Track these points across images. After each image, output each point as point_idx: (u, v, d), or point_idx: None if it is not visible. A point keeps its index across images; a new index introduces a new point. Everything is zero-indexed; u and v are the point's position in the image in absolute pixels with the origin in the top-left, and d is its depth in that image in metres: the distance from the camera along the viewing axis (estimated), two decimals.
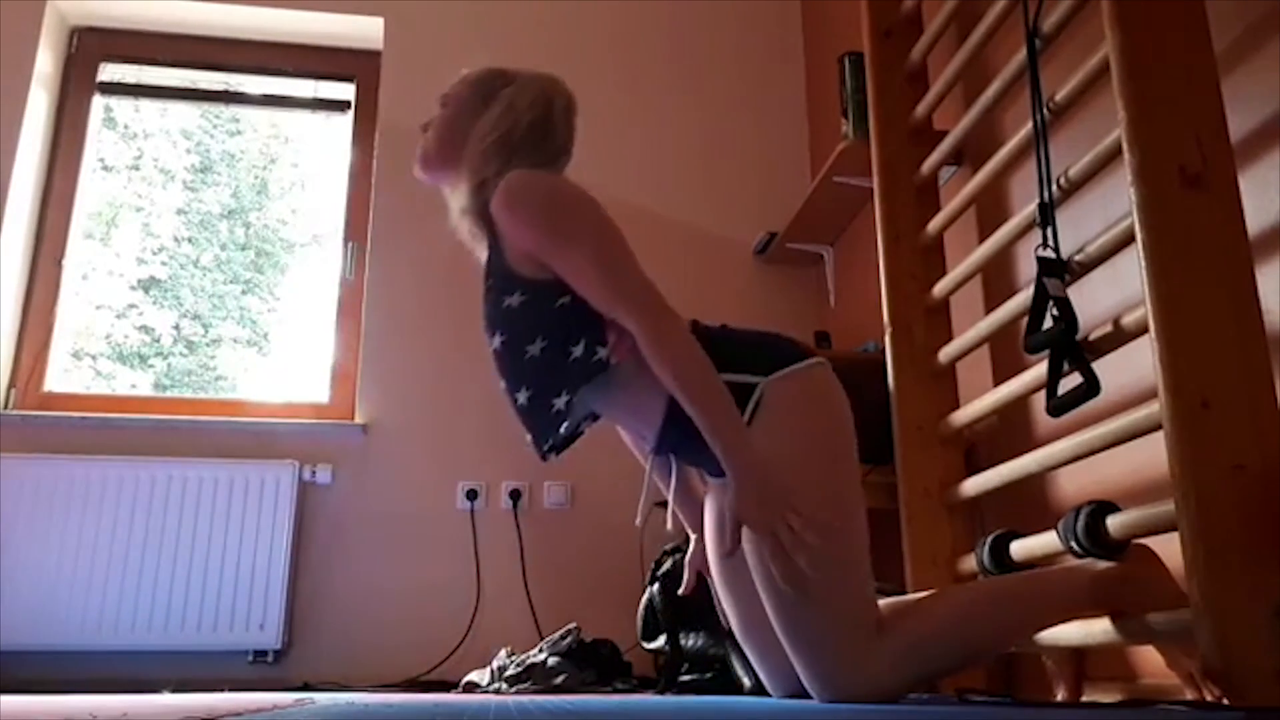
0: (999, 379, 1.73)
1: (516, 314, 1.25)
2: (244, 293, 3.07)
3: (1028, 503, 1.66)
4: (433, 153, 1.38)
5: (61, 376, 2.76)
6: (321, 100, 3.08)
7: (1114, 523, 1.19)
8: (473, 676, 2.15)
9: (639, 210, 2.92)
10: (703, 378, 1.17)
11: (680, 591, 1.44)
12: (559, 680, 2.02)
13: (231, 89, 3.08)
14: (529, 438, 1.30)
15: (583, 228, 1.23)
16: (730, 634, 1.42)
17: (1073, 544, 1.23)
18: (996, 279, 1.84)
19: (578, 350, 1.23)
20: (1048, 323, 1.32)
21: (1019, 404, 1.61)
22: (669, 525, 1.47)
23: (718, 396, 1.16)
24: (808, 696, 1.22)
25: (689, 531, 1.46)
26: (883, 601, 1.23)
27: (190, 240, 3.06)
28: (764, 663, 1.34)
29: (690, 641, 1.86)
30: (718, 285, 2.87)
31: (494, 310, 1.29)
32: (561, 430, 1.29)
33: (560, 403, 1.24)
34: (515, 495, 2.63)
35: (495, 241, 1.30)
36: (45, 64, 2.80)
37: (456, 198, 1.38)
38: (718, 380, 1.17)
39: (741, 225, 2.91)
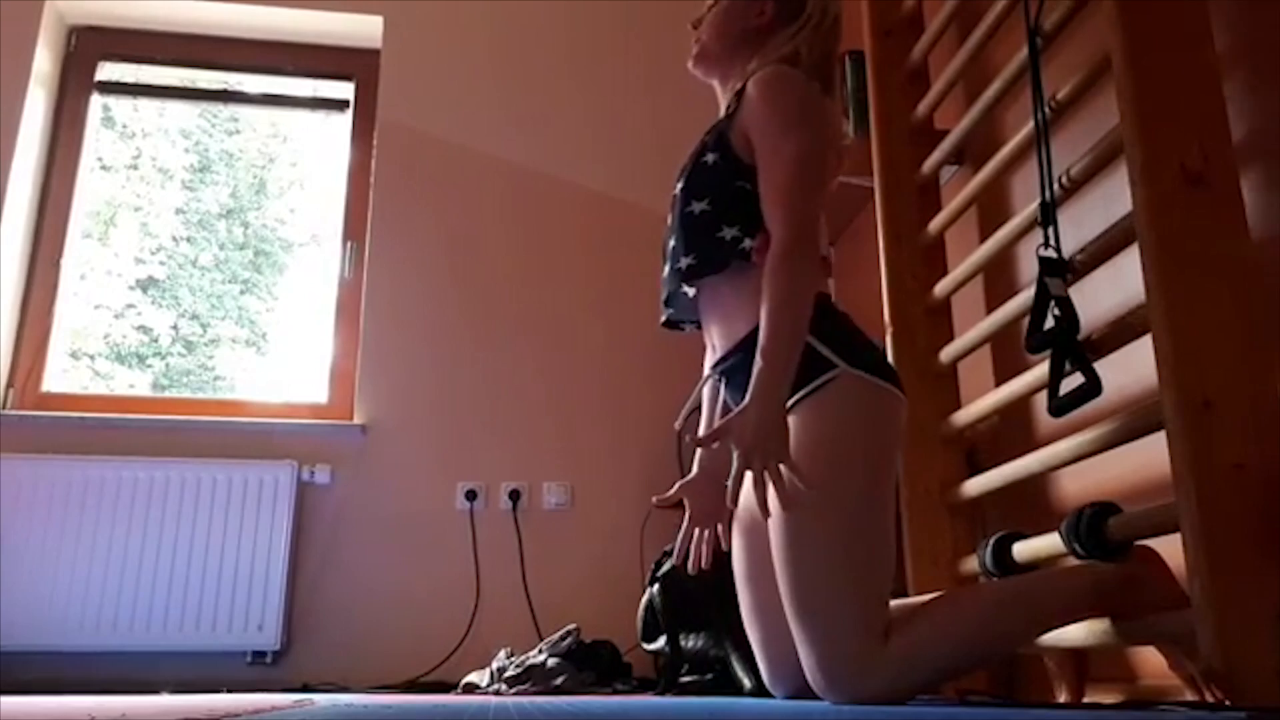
0: (1000, 379, 1.73)
1: (703, 170, 1.33)
2: (242, 292, 3.07)
3: (1029, 503, 1.66)
4: (711, 47, 1.44)
5: (60, 376, 2.75)
6: (320, 99, 3.08)
7: (1116, 524, 1.19)
8: (472, 678, 2.14)
9: (637, 210, 2.92)
10: (796, 311, 1.19)
11: (675, 494, 1.40)
12: (559, 681, 2.02)
13: (230, 88, 3.08)
14: (663, 294, 1.40)
15: (809, 134, 1.27)
16: (731, 633, 1.41)
17: (1075, 545, 1.23)
18: (998, 279, 1.84)
19: (729, 233, 1.28)
20: (1049, 322, 1.31)
21: (1020, 404, 1.61)
22: (678, 424, 1.51)
23: (794, 333, 1.18)
24: (809, 696, 1.21)
25: (697, 462, 1.45)
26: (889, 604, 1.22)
27: (189, 240, 3.05)
28: (767, 653, 1.33)
29: (690, 643, 1.85)
30: None
31: (695, 158, 1.38)
32: (674, 302, 1.39)
33: (685, 263, 1.31)
34: (515, 496, 2.63)
35: (733, 109, 1.36)
36: (43, 63, 2.79)
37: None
38: (804, 326, 1.19)
39: None
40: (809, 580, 1.16)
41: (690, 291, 1.38)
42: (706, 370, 1.43)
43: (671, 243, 1.37)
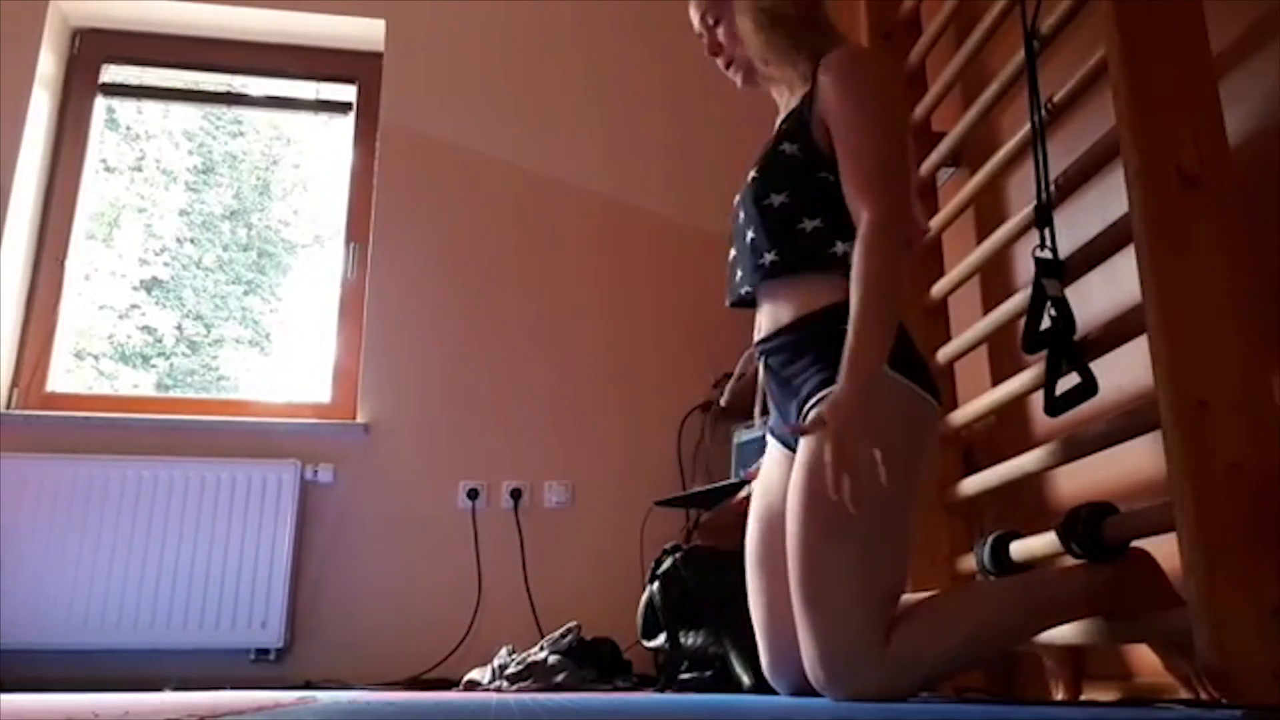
0: (997, 379, 1.73)
1: (782, 160, 1.32)
2: (246, 293, 3.08)
3: (1026, 502, 1.67)
4: (763, 65, 1.44)
5: (64, 377, 2.77)
6: (323, 102, 3.09)
7: (1112, 524, 1.20)
8: (474, 675, 2.15)
9: (637, 212, 2.93)
10: (889, 290, 1.18)
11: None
12: (559, 678, 2.03)
13: (233, 90, 3.09)
14: (735, 275, 1.39)
15: (890, 115, 1.28)
16: (730, 631, 1.42)
17: (1072, 545, 1.24)
18: (994, 279, 1.85)
19: (810, 224, 1.28)
20: (1046, 323, 1.32)
21: (1017, 404, 1.62)
22: (723, 400, 1.53)
23: (888, 312, 1.18)
24: (809, 692, 1.22)
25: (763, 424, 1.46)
26: None
27: (192, 241, 3.07)
28: (770, 644, 1.33)
29: (690, 640, 1.86)
30: (716, 285, 2.87)
31: (768, 148, 1.38)
32: (748, 288, 1.36)
33: (769, 259, 1.30)
34: (516, 494, 2.64)
35: (809, 98, 1.34)
36: (47, 65, 2.81)
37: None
38: (897, 305, 1.19)
39: None
40: (823, 572, 1.16)
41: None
42: (751, 350, 1.42)
43: (750, 235, 1.34)
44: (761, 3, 1.39)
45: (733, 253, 1.42)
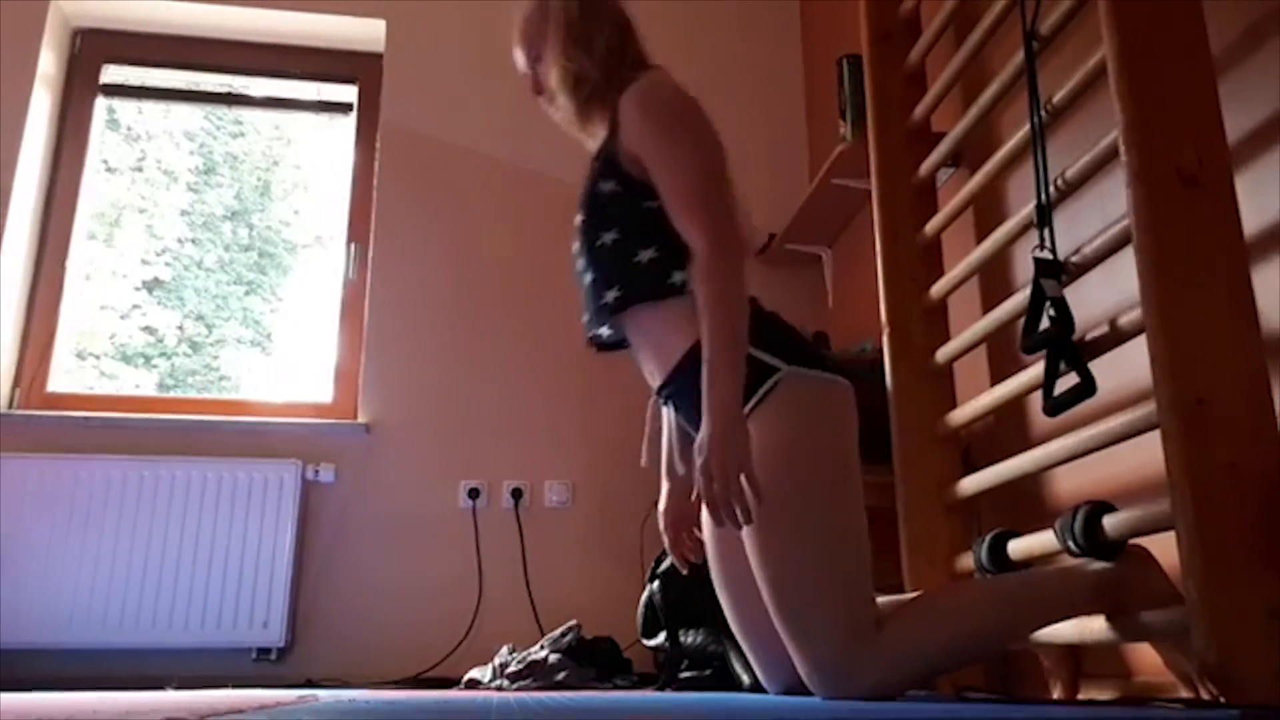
0: (996, 379, 1.74)
1: (604, 200, 1.31)
2: (247, 293, 3.08)
3: (1025, 502, 1.67)
4: (579, 108, 1.43)
5: (65, 377, 2.77)
6: (324, 102, 3.09)
7: (1110, 522, 1.20)
8: (474, 673, 2.16)
9: None
10: (737, 318, 1.18)
11: (671, 558, 1.44)
12: (560, 677, 2.03)
13: (234, 91, 3.09)
14: (585, 318, 1.38)
15: (693, 134, 1.27)
16: (730, 631, 1.43)
17: (1070, 544, 1.24)
18: (994, 280, 1.85)
19: (645, 255, 1.27)
20: (1045, 323, 1.32)
21: (1016, 404, 1.62)
22: (644, 461, 1.49)
23: (737, 341, 1.17)
24: (804, 692, 1.23)
25: (664, 476, 1.46)
26: (881, 599, 1.24)
27: (194, 241, 3.07)
28: (755, 651, 1.34)
29: (690, 638, 1.87)
30: None
31: (587, 190, 1.36)
32: (605, 328, 1.35)
33: (610, 296, 1.29)
34: (517, 494, 2.65)
35: (613, 131, 1.33)
36: (48, 65, 2.81)
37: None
38: (744, 330, 1.18)
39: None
40: (790, 583, 1.16)
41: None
42: (651, 400, 1.41)
43: (590, 277, 1.34)
44: (567, 62, 1.38)
45: (583, 283, 1.39)
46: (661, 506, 1.45)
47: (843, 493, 1.21)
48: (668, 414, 1.44)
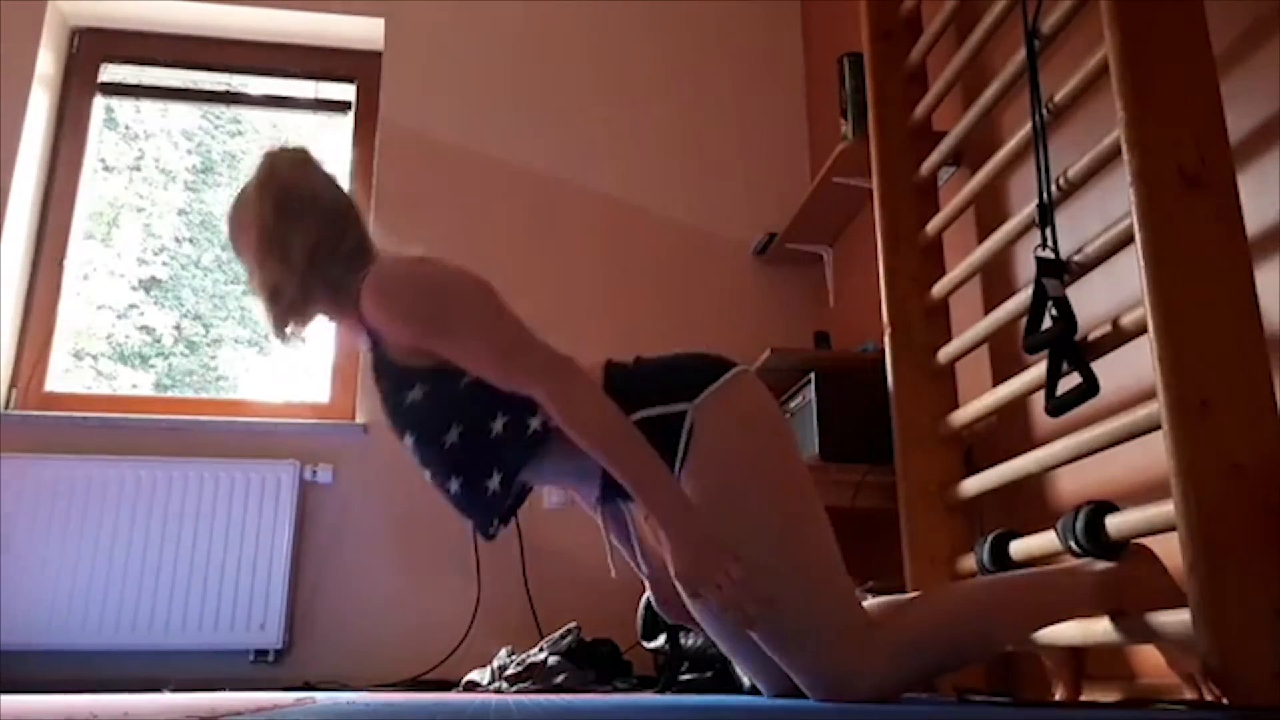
0: (998, 379, 1.73)
1: (423, 408, 1.19)
2: (245, 293, 3.07)
3: (1027, 502, 1.66)
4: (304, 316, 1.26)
5: (62, 376, 2.76)
6: (322, 101, 3.08)
7: (1113, 522, 1.20)
8: (473, 676, 2.15)
9: (638, 211, 2.92)
10: (620, 436, 1.12)
11: (673, 621, 1.41)
12: (559, 679, 2.03)
13: (232, 89, 3.08)
14: (469, 525, 1.25)
15: (459, 310, 1.17)
16: None
17: (1072, 543, 1.24)
18: (995, 279, 1.85)
19: (498, 426, 1.17)
20: (1047, 323, 1.32)
21: (1018, 404, 1.62)
22: (613, 573, 1.41)
23: (638, 453, 1.11)
24: (795, 694, 1.22)
25: (644, 575, 1.42)
26: (880, 599, 1.23)
27: (191, 240, 3.06)
28: (743, 662, 1.33)
29: (690, 641, 1.86)
30: (717, 286, 2.88)
31: (397, 410, 1.22)
32: (502, 508, 1.24)
33: (493, 483, 1.19)
34: None
35: (375, 340, 1.23)
36: (46, 64, 2.80)
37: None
38: (636, 437, 1.12)
39: (741, 226, 2.91)
40: (760, 625, 1.12)
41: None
42: (595, 508, 1.35)
43: (456, 484, 1.21)
44: (260, 272, 1.24)
45: (449, 493, 1.25)
46: (652, 599, 1.41)
47: (800, 500, 1.18)
48: (616, 513, 1.38)
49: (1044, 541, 1.35)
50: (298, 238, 1.23)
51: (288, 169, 1.28)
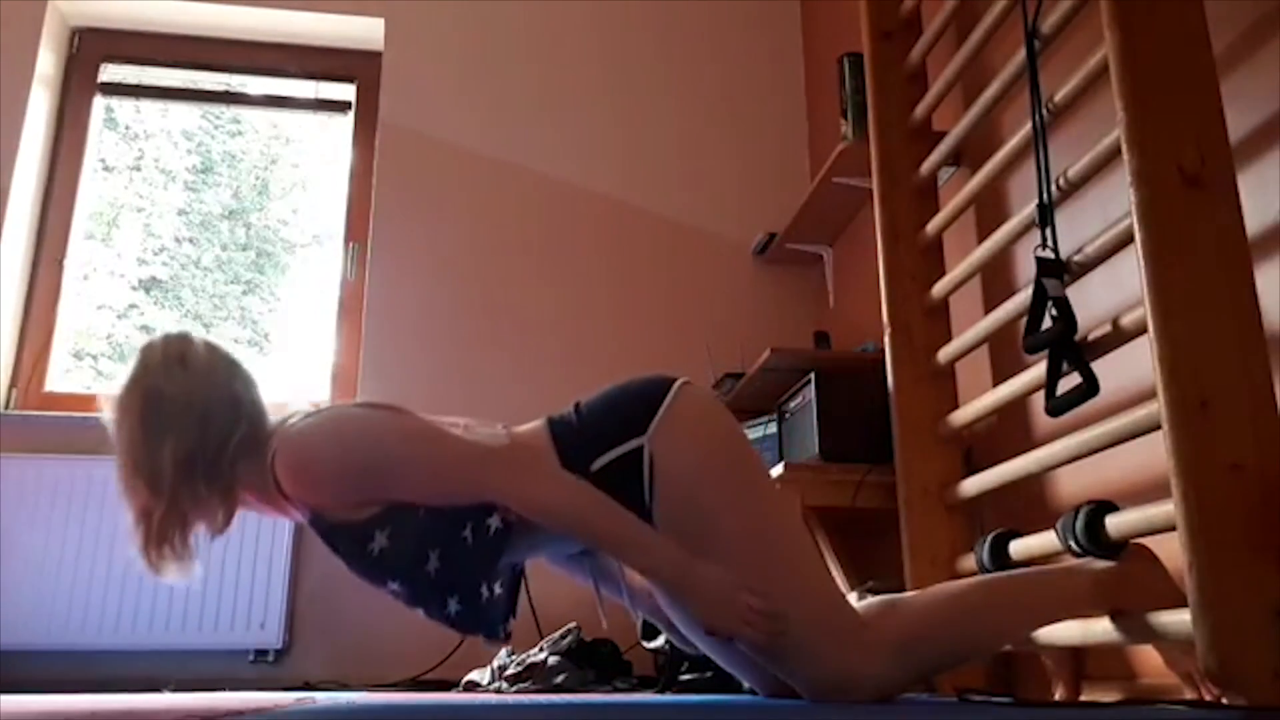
0: (998, 379, 1.73)
1: (394, 551, 1.15)
2: (245, 293, 3.07)
3: (1027, 502, 1.66)
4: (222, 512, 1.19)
5: (62, 377, 2.76)
6: (322, 101, 3.08)
7: (1113, 522, 1.20)
8: (473, 676, 2.15)
9: (639, 211, 2.92)
10: (588, 510, 1.12)
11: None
12: (559, 679, 2.03)
13: (232, 90, 3.09)
14: (480, 638, 1.23)
15: (388, 450, 1.13)
16: None
17: (1071, 543, 1.24)
18: (995, 279, 1.85)
19: (468, 534, 1.15)
20: (1047, 323, 1.32)
21: (1018, 404, 1.62)
22: (604, 624, 1.41)
23: (613, 521, 1.11)
24: (790, 694, 1.22)
25: (637, 617, 1.41)
26: (879, 598, 1.23)
27: (191, 240, 3.06)
28: (743, 668, 1.33)
29: None
30: (717, 286, 2.88)
31: (368, 563, 1.17)
32: (506, 606, 1.25)
33: (487, 589, 1.19)
34: None
35: (314, 512, 1.16)
36: (46, 64, 2.80)
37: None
38: (605, 505, 1.11)
39: (741, 226, 2.91)
40: (776, 643, 1.12)
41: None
42: (585, 570, 1.36)
43: (452, 608, 1.18)
44: (128, 493, 1.17)
45: (450, 618, 1.22)
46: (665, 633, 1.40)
47: (770, 502, 1.18)
48: (597, 563, 1.38)
49: (1044, 541, 1.35)
50: (166, 451, 1.14)
51: (159, 370, 1.19)
